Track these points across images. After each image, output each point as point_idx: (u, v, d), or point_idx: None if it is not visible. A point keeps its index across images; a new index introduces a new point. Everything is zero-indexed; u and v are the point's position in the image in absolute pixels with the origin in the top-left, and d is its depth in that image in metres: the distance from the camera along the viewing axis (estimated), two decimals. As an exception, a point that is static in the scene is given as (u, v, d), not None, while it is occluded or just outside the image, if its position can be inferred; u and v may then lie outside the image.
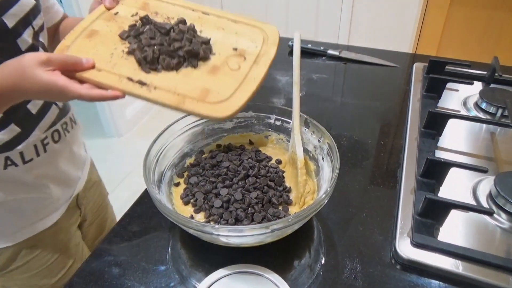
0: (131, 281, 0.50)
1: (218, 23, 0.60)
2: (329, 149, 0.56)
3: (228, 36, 0.59)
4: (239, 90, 0.54)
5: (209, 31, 0.58)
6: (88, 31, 0.56)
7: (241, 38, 0.59)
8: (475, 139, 0.73)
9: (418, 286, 0.49)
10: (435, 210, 0.54)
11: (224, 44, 0.58)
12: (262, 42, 0.59)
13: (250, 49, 0.58)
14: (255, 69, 0.56)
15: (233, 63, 0.57)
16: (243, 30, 0.60)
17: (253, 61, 0.57)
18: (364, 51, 1.09)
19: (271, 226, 0.45)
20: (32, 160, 0.61)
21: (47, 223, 0.68)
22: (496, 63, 0.85)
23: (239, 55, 0.57)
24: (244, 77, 0.56)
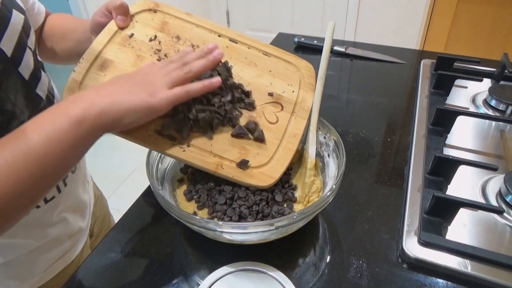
0: (134, 278, 0.49)
1: (249, 56, 0.55)
2: (335, 146, 0.56)
3: (262, 76, 0.54)
4: (279, 151, 0.51)
5: (240, 67, 0.54)
6: (100, 60, 0.50)
7: (276, 79, 0.54)
8: (484, 137, 0.72)
9: (425, 285, 0.48)
10: (443, 209, 0.53)
11: (259, 87, 0.53)
12: (299, 85, 0.55)
13: (286, 94, 0.54)
14: (294, 123, 0.53)
15: (270, 113, 0.53)
16: (277, 68, 0.55)
17: (291, 111, 0.54)
18: (371, 48, 1.08)
19: (275, 223, 0.44)
20: (54, 198, 0.58)
21: (70, 258, 0.65)
22: (506, 60, 0.83)
23: (276, 102, 0.53)
24: (283, 132, 0.53)
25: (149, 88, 0.44)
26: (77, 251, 0.67)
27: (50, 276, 0.62)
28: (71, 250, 0.65)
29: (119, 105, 0.42)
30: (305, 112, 0.55)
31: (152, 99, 0.44)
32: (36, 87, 0.53)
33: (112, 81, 0.45)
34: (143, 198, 0.62)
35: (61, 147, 0.38)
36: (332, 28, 0.59)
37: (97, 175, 0.86)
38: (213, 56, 0.50)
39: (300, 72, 0.55)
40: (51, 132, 0.38)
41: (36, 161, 0.37)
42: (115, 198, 1.82)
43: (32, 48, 0.53)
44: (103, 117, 0.41)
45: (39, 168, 0.37)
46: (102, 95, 0.42)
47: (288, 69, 0.55)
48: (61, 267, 0.64)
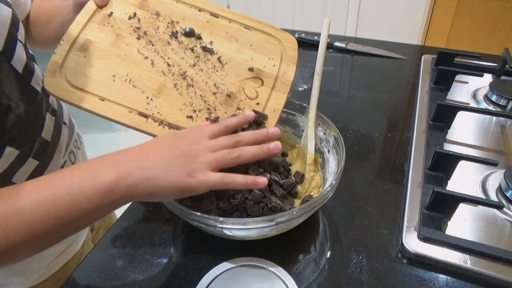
0: (134, 274, 0.50)
1: (230, 30, 0.54)
2: (335, 142, 0.56)
3: (242, 51, 0.54)
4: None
5: (220, 42, 0.53)
6: (80, 41, 0.50)
7: (257, 53, 0.54)
8: (484, 132, 0.72)
9: (425, 280, 0.48)
10: (443, 204, 0.53)
11: (240, 62, 0.53)
12: (280, 58, 0.54)
13: (267, 69, 0.53)
14: (274, 98, 0.53)
15: (250, 89, 0.53)
16: (258, 41, 0.54)
17: (271, 86, 0.53)
18: (371, 43, 1.07)
19: (275, 218, 0.44)
20: None
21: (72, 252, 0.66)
22: (507, 55, 0.83)
23: (256, 77, 0.53)
24: (263, 108, 0.53)
25: (190, 165, 0.41)
26: (78, 245, 0.67)
27: (52, 271, 0.63)
28: (73, 244, 0.66)
29: (154, 180, 0.39)
30: (286, 86, 0.54)
31: (190, 180, 0.40)
32: (30, 80, 0.53)
33: (155, 146, 0.43)
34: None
35: (81, 209, 0.37)
36: (327, 24, 0.59)
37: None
38: (269, 149, 0.46)
39: (282, 45, 0.54)
40: (76, 194, 0.37)
41: (57, 213, 0.36)
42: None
43: (23, 41, 0.53)
44: (134, 191, 0.39)
45: (58, 219, 0.37)
46: (141, 166, 0.40)
47: (270, 42, 0.54)
48: (63, 261, 0.64)
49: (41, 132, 0.55)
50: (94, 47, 0.50)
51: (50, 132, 0.57)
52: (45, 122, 0.56)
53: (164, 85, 0.51)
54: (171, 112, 0.51)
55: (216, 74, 0.53)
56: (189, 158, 0.42)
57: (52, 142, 0.57)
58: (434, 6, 1.88)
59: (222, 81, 0.53)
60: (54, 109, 0.59)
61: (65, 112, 0.64)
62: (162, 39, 0.52)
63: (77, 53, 0.49)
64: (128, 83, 0.50)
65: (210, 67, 0.53)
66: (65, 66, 0.48)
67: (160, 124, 0.50)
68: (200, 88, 0.52)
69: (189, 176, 0.41)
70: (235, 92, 0.52)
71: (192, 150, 0.43)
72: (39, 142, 0.54)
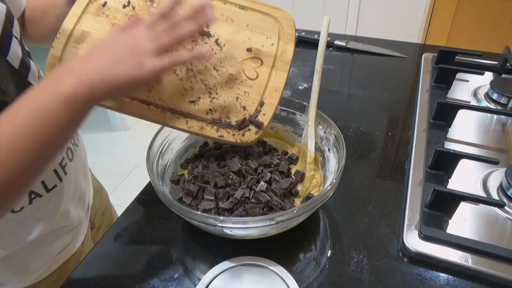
0: (136, 273, 0.50)
1: (225, 12, 0.54)
2: (335, 140, 0.55)
3: (239, 31, 0.53)
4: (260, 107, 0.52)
5: (217, 24, 0.53)
6: (77, 33, 0.50)
7: (254, 33, 0.53)
8: (485, 130, 0.72)
9: (426, 279, 0.48)
10: (443, 202, 0.52)
11: (237, 43, 0.53)
12: (278, 37, 0.53)
13: (266, 48, 0.53)
14: (274, 77, 0.53)
15: (249, 69, 0.52)
16: (254, 21, 0.54)
17: (271, 65, 0.53)
18: (372, 42, 1.07)
19: (276, 217, 0.44)
20: (56, 187, 0.58)
21: (71, 251, 0.65)
22: (508, 53, 0.83)
23: (255, 58, 0.53)
24: (264, 87, 0.52)
25: (136, 57, 0.43)
26: (77, 244, 0.67)
27: (51, 269, 0.62)
28: (72, 242, 0.66)
29: (107, 80, 0.41)
30: (285, 64, 0.53)
31: (140, 71, 0.43)
32: (27, 75, 0.53)
33: (96, 49, 0.44)
34: (144, 194, 0.62)
35: (56, 125, 0.39)
36: (327, 23, 0.59)
37: (99, 171, 0.86)
38: (203, 18, 0.48)
39: (279, 23, 0.54)
40: (44, 114, 0.38)
41: (33, 137, 0.38)
42: (117, 194, 1.83)
43: (18, 37, 0.53)
44: (94, 93, 0.41)
45: (38, 143, 0.38)
46: (89, 71, 0.41)
47: (266, 21, 0.54)
48: (62, 260, 0.64)
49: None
50: (91, 38, 0.50)
51: None
52: None
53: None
54: (173, 97, 0.51)
55: (214, 57, 0.52)
56: (132, 51, 0.43)
57: None
58: (435, 4, 1.88)
59: (221, 64, 0.53)
60: None
61: None
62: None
63: (74, 45, 0.50)
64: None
65: (208, 50, 0.52)
66: (63, 59, 0.49)
67: (162, 110, 0.51)
68: (199, 72, 0.52)
69: (138, 67, 0.43)
70: (235, 73, 0.52)
71: (133, 43, 0.44)
72: None
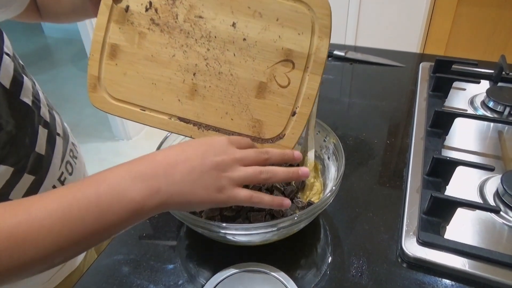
0: (140, 280, 0.51)
1: (252, 4, 0.47)
2: (335, 148, 0.57)
3: (269, 29, 0.48)
4: (293, 119, 0.50)
5: (244, 21, 0.48)
6: (108, 48, 0.49)
7: (285, 29, 0.47)
8: (482, 138, 0.73)
9: (424, 284, 0.49)
10: (441, 208, 0.54)
11: (267, 44, 0.48)
12: (311, 31, 0.47)
13: (297, 47, 0.48)
14: (307, 83, 0.48)
15: (281, 75, 0.48)
16: (284, 12, 0.47)
17: (303, 68, 0.48)
18: (371, 52, 1.09)
19: (277, 224, 0.45)
20: None
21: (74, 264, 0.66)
22: (503, 62, 0.84)
23: (286, 60, 0.48)
24: (296, 96, 0.49)
25: (219, 181, 0.41)
26: (80, 257, 0.67)
27: (54, 283, 0.62)
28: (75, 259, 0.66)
29: (183, 196, 0.40)
30: (319, 65, 0.48)
31: (218, 195, 0.41)
32: (19, 94, 0.51)
33: (184, 156, 0.41)
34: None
35: (109, 227, 0.37)
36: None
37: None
38: (298, 175, 0.46)
39: (312, 11, 0.47)
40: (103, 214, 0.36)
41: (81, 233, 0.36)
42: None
43: (10, 52, 0.51)
44: (164, 206, 0.39)
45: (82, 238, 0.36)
46: (170, 182, 0.39)
47: (298, 11, 0.47)
48: (65, 274, 0.64)
49: (34, 146, 0.53)
50: (122, 53, 0.49)
51: (43, 145, 0.55)
52: (38, 136, 0.54)
53: (195, 85, 0.50)
54: (207, 113, 0.50)
55: (244, 62, 0.49)
56: (218, 173, 0.41)
57: (47, 155, 0.55)
58: (433, 14, 1.91)
59: (252, 70, 0.49)
60: (46, 121, 0.57)
61: (58, 123, 0.62)
62: (184, 30, 0.49)
63: (108, 62, 0.49)
64: (162, 88, 0.49)
65: (238, 55, 0.49)
66: (102, 78, 0.49)
67: (199, 127, 0.50)
68: (230, 82, 0.50)
69: (217, 191, 0.41)
70: (266, 81, 0.48)
71: (221, 163, 0.42)
72: (33, 157, 0.53)
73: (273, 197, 0.45)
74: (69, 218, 0.35)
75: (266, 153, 0.46)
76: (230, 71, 0.49)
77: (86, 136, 2.35)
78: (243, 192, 0.42)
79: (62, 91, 2.83)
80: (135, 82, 0.49)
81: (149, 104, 0.50)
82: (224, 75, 0.49)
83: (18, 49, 0.56)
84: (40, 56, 3.46)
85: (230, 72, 0.49)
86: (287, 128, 0.50)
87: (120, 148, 2.28)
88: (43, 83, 0.61)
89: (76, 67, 3.24)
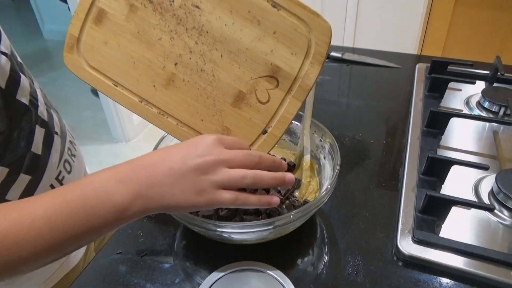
0: (137, 279, 0.51)
1: (253, 9, 0.45)
2: (330, 148, 0.57)
3: (263, 40, 0.46)
4: (262, 137, 0.49)
5: (240, 25, 0.46)
6: (95, 10, 0.46)
7: (279, 44, 0.46)
8: (477, 138, 0.74)
9: (419, 281, 0.49)
10: (436, 207, 0.54)
11: (257, 55, 0.47)
12: (305, 54, 0.46)
13: (287, 67, 0.46)
14: (287, 105, 0.47)
15: (262, 91, 0.47)
16: (283, 27, 0.46)
17: (286, 90, 0.47)
18: (368, 53, 1.10)
19: (273, 222, 0.46)
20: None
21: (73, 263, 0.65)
22: (499, 63, 0.85)
23: (272, 77, 0.47)
24: (272, 115, 0.48)
25: (199, 184, 0.40)
26: (79, 255, 0.68)
27: (53, 283, 0.62)
28: (73, 255, 0.66)
29: (162, 200, 0.39)
30: (303, 92, 0.47)
31: (197, 198, 0.40)
32: (15, 93, 0.50)
33: (164, 157, 0.41)
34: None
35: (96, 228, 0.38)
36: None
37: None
38: (284, 182, 0.44)
39: (311, 34, 0.46)
40: (89, 217, 0.37)
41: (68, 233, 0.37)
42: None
43: (8, 51, 0.50)
44: (146, 209, 0.39)
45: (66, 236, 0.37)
46: (149, 184, 0.39)
47: (297, 30, 0.46)
48: (64, 272, 0.64)
49: (30, 146, 0.52)
50: (108, 20, 0.47)
51: (40, 145, 0.54)
52: (34, 136, 0.53)
53: (174, 75, 0.48)
54: (178, 107, 0.49)
55: (229, 66, 0.47)
56: (198, 175, 0.40)
57: (44, 155, 0.55)
58: (430, 16, 1.92)
59: (235, 77, 0.47)
60: (44, 120, 0.56)
61: (56, 121, 0.61)
62: (177, 15, 0.47)
63: (92, 26, 0.47)
64: (140, 69, 0.48)
65: (225, 57, 0.48)
66: (81, 40, 0.47)
67: (168, 118, 0.49)
68: (210, 83, 0.48)
69: (197, 194, 0.40)
70: (245, 92, 0.47)
71: (202, 164, 0.40)
72: (29, 157, 0.52)
73: (260, 197, 0.43)
74: (57, 221, 0.36)
75: (258, 157, 0.44)
76: (213, 71, 0.48)
77: (85, 139, 2.35)
78: (226, 195, 0.41)
79: (61, 94, 2.83)
80: (114, 55, 0.47)
81: (123, 82, 0.48)
82: (205, 74, 0.48)
83: (17, 52, 0.56)
84: (39, 59, 3.47)
85: (212, 73, 0.48)
86: (254, 144, 0.49)
87: (119, 150, 2.28)
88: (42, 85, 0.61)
89: (75, 70, 3.24)
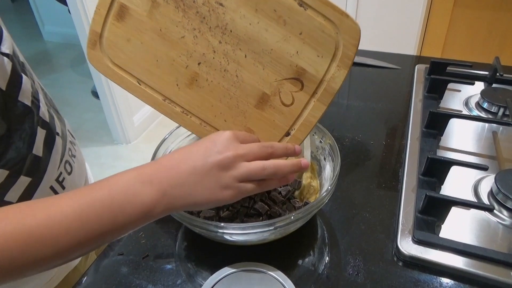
0: (139, 280, 0.51)
1: (279, 8, 0.43)
2: (331, 149, 0.58)
3: (289, 40, 0.44)
4: (284, 140, 0.49)
5: (265, 24, 0.44)
6: (117, 6, 0.45)
7: (305, 46, 0.44)
8: (477, 138, 0.74)
9: (419, 281, 0.49)
10: (435, 208, 0.54)
11: (282, 56, 0.45)
12: (332, 57, 0.44)
13: (312, 69, 0.45)
14: (311, 109, 0.46)
15: (286, 93, 0.46)
16: (310, 28, 0.44)
17: (311, 93, 0.46)
18: (367, 54, 1.10)
19: (274, 223, 0.46)
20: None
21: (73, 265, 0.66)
22: (498, 63, 0.85)
23: (296, 79, 0.45)
24: (296, 118, 0.47)
25: (222, 179, 0.42)
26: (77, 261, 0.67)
27: (54, 284, 0.62)
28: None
29: (188, 199, 0.41)
30: (329, 96, 0.46)
31: (222, 193, 0.42)
32: (17, 95, 0.50)
33: (187, 156, 0.42)
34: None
35: (123, 228, 0.40)
36: None
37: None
38: (301, 167, 0.46)
39: (339, 36, 0.44)
40: (118, 217, 0.38)
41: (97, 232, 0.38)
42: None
43: (10, 51, 0.49)
44: (172, 208, 0.41)
45: (97, 237, 0.38)
46: (174, 184, 0.40)
47: (325, 31, 0.44)
48: (64, 273, 0.64)
49: (31, 148, 0.51)
50: (130, 17, 0.46)
51: (41, 147, 0.53)
52: (36, 137, 0.52)
53: (197, 75, 0.47)
54: (202, 107, 0.48)
55: (253, 67, 0.46)
56: (220, 172, 0.42)
57: (44, 156, 0.54)
58: (429, 17, 1.92)
59: (259, 78, 0.47)
60: (45, 121, 0.55)
61: (57, 122, 0.60)
62: (200, 13, 0.45)
63: (114, 23, 0.46)
64: (163, 67, 0.47)
65: (249, 57, 0.46)
66: (104, 37, 0.47)
67: (192, 117, 0.49)
68: (234, 83, 0.48)
69: (221, 189, 0.42)
70: (269, 94, 0.46)
71: (223, 161, 0.42)
72: (30, 159, 0.51)
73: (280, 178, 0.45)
74: (84, 219, 0.37)
75: (271, 147, 0.45)
76: (236, 72, 0.47)
77: (86, 141, 2.35)
78: (249, 185, 0.43)
79: (62, 96, 2.84)
80: (138, 53, 0.47)
81: (147, 80, 0.48)
82: (229, 74, 0.47)
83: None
84: (39, 61, 3.47)
85: (236, 73, 0.47)
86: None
87: (119, 152, 2.28)
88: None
89: (75, 72, 3.25)
